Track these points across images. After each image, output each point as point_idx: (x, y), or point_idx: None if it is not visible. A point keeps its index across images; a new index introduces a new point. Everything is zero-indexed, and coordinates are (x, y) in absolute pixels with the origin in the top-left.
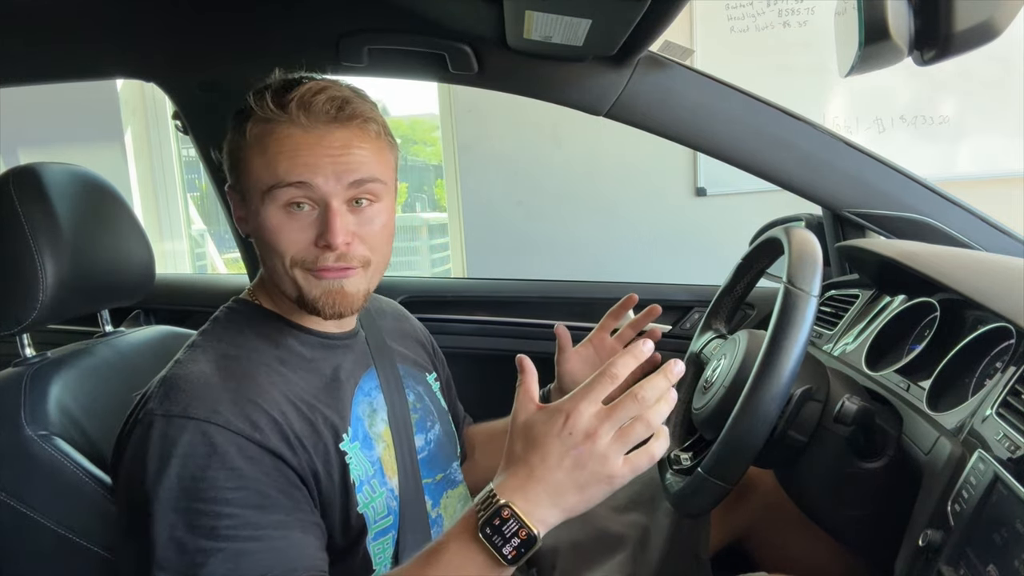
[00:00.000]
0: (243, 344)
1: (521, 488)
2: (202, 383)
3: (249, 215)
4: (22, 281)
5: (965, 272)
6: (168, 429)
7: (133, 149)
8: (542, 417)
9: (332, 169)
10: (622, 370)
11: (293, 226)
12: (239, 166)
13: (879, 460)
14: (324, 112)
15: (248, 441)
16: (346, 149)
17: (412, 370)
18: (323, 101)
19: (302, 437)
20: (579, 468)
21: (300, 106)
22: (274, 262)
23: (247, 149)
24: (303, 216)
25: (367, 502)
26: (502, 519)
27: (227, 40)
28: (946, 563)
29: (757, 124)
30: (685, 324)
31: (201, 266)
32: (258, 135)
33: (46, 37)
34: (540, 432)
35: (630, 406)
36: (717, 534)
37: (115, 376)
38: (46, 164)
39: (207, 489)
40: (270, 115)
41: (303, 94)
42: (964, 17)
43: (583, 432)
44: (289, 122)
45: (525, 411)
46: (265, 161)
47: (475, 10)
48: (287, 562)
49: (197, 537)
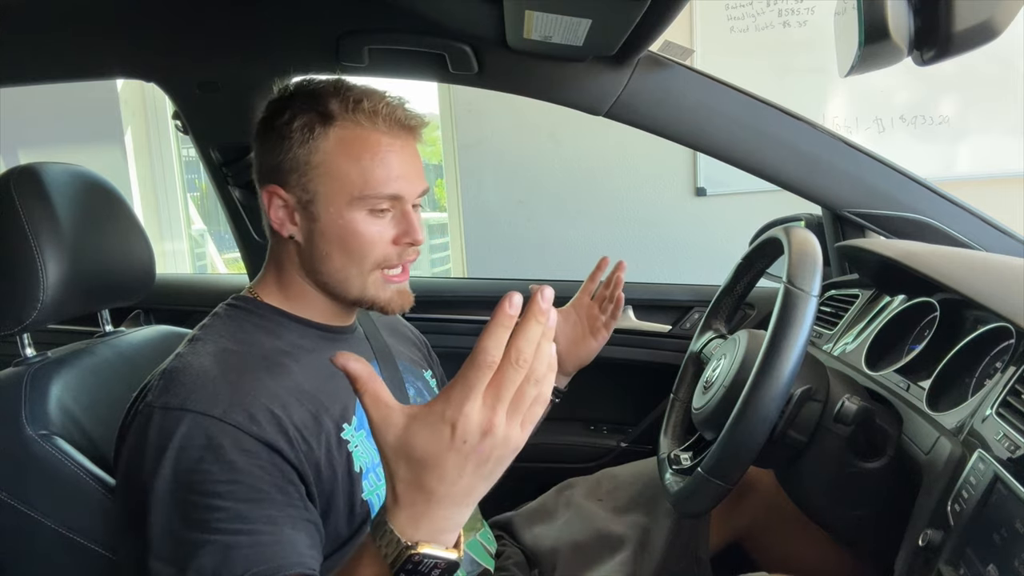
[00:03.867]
0: (244, 338)
1: (425, 516)
2: (201, 376)
3: (320, 219)
4: (22, 281)
5: (965, 272)
6: (165, 422)
7: (133, 149)
8: (422, 433)
9: (416, 179)
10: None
11: (376, 228)
12: (317, 171)
13: (879, 460)
14: (407, 122)
15: (245, 434)
16: (418, 157)
17: (410, 366)
18: (395, 106)
19: (302, 429)
20: (483, 464)
21: (388, 115)
22: (350, 264)
23: (329, 153)
24: (387, 219)
25: (372, 489)
26: (414, 563)
27: (227, 40)
28: (946, 563)
29: (757, 124)
30: (685, 324)
31: (201, 266)
32: (346, 139)
33: (46, 37)
34: (427, 451)
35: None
36: (717, 534)
37: (115, 376)
38: (46, 164)
39: (202, 482)
40: (360, 120)
41: (388, 104)
42: (964, 17)
43: (478, 432)
44: (377, 130)
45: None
46: (359, 169)
47: (475, 10)
48: (274, 558)
49: (190, 529)
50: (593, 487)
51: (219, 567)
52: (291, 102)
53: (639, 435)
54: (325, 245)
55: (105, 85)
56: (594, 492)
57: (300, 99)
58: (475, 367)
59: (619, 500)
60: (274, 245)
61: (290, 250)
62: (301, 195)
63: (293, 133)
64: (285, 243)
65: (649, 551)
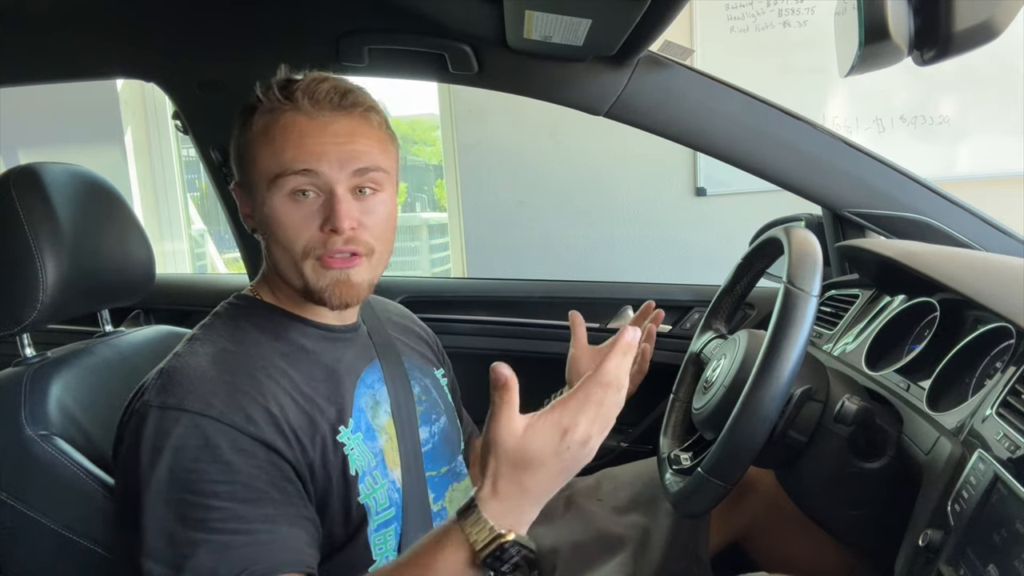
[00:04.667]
0: (243, 338)
1: (514, 509)
2: (198, 376)
3: (255, 208)
4: (22, 281)
5: (965, 272)
6: (162, 421)
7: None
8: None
9: (337, 156)
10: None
11: (299, 214)
12: (245, 159)
13: (879, 460)
14: (328, 100)
15: (241, 434)
16: (350, 137)
17: (419, 363)
18: (327, 89)
19: (298, 430)
20: (571, 469)
21: (305, 94)
22: (282, 253)
23: (253, 141)
24: (308, 204)
25: (368, 493)
26: (503, 549)
27: (227, 40)
28: (946, 563)
29: (757, 124)
30: (685, 324)
31: (201, 266)
32: (264, 125)
33: (46, 37)
34: (537, 455)
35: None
36: (717, 534)
37: (115, 376)
38: (46, 164)
39: (198, 481)
40: (276, 104)
41: (308, 83)
42: (964, 17)
43: (580, 441)
44: (295, 110)
45: (512, 432)
46: (272, 150)
47: (475, 10)
48: (272, 556)
49: (186, 528)
50: (593, 487)
51: (216, 566)
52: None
53: (639, 435)
54: (264, 235)
55: (105, 85)
56: (594, 492)
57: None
58: (599, 385)
59: (619, 500)
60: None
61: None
62: (246, 187)
63: (236, 126)
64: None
65: (649, 551)
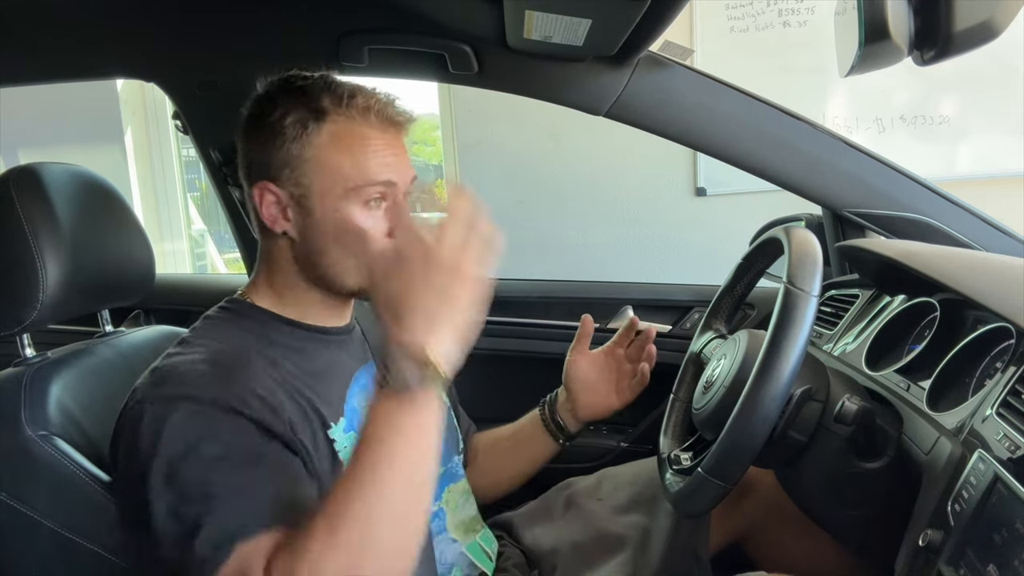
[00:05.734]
0: (234, 339)
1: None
2: (192, 370)
3: (317, 211)
4: (22, 281)
5: (965, 272)
6: (158, 410)
7: (133, 149)
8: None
9: (402, 169)
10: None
11: (371, 222)
12: (304, 164)
13: (879, 460)
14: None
15: (238, 415)
16: (405, 150)
17: None
18: (395, 106)
19: (291, 416)
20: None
21: (380, 110)
22: (345, 257)
23: (322, 147)
24: (378, 212)
25: None
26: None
27: (227, 40)
28: (946, 563)
29: (757, 124)
30: (685, 324)
31: (201, 266)
32: (336, 133)
33: (46, 37)
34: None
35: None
36: (717, 534)
37: (115, 376)
38: (46, 164)
39: (197, 462)
40: (353, 115)
41: (380, 100)
42: (964, 17)
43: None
44: (368, 124)
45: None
46: (352, 160)
47: (475, 10)
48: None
49: (192, 504)
50: (593, 487)
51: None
52: (280, 98)
53: (639, 435)
54: (320, 239)
55: (105, 85)
56: (594, 492)
57: (290, 95)
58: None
59: (619, 500)
60: (265, 244)
61: (282, 247)
62: (294, 190)
63: (286, 129)
64: (277, 240)
65: (649, 551)
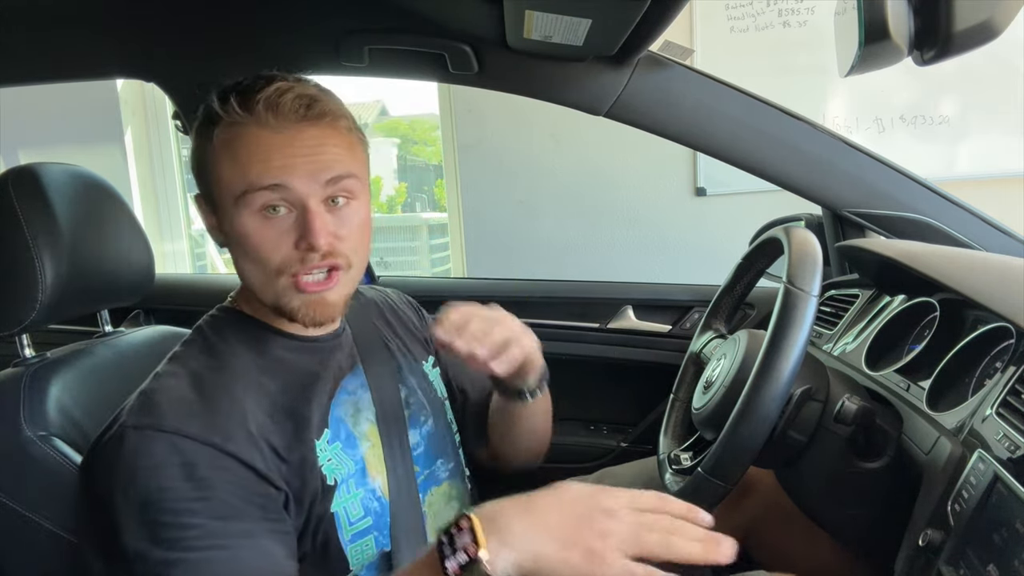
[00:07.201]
0: (223, 354)
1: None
2: (177, 397)
3: (222, 224)
4: (21, 281)
5: (965, 272)
6: (139, 442)
7: (133, 149)
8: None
9: (307, 168)
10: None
11: (271, 231)
12: (208, 173)
13: (879, 460)
14: (293, 111)
15: (218, 451)
16: (319, 147)
17: (406, 362)
18: (291, 100)
19: (276, 446)
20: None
21: (268, 107)
22: (254, 270)
23: (215, 155)
24: (280, 220)
25: (340, 502)
26: (458, 527)
27: (227, 40)
28: (946, 563)
29: (757, 124)
30: (685, 324)
31: (201, 266)
32: (226, 140)
33: (46, 37)
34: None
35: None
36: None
37: (115, 376)
38: (46, 164)
39: (172, 500)
40: (237, 118)
41: (270, 95)
42: (964, 17)
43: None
44: (257, 124)
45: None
46: (236, 166)
47: (475, 10)
48: (251, 571)
49: (161, 548)
50: None
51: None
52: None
53: (639, 435)
54: (233, 251)
55: (105, 85)
56: None
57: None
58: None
59: None
60: None
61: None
62: (210, 201)
63: (194, 136)
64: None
65: None
